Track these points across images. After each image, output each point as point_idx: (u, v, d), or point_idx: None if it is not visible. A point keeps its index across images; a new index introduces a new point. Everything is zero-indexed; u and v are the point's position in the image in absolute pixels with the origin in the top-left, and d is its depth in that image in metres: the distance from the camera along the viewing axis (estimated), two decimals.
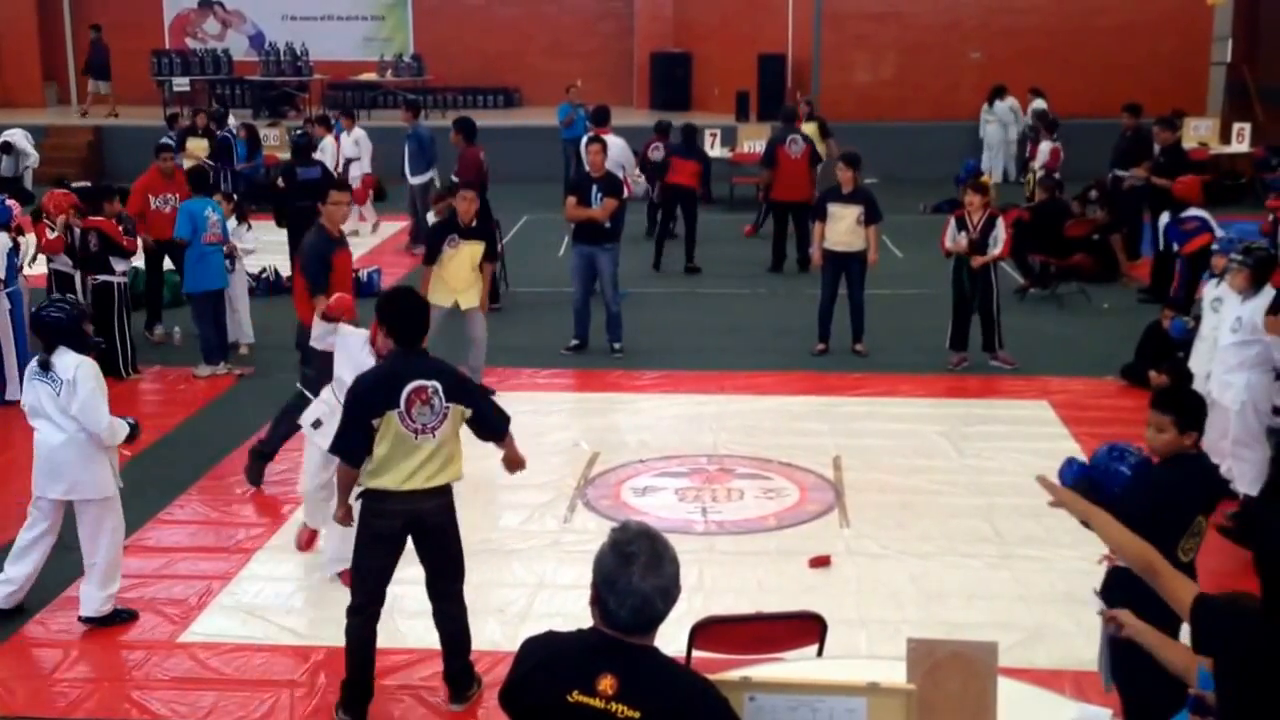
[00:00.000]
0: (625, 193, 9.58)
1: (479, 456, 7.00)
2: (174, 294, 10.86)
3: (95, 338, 5.31)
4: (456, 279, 7.78)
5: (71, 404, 4.89)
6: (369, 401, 4.24)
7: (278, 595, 5.39)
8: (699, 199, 12.33)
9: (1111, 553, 3.85)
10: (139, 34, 21.26)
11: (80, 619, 5.09)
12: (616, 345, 9.06)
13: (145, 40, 21.02)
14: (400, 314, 4.33)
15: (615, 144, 11.16)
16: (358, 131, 14.22)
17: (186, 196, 9.11)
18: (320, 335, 5.56)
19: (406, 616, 5.16)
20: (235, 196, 9.78)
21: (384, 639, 4.55)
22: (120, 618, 5.14)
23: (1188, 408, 3.79)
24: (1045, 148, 13.40)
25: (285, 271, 11.31)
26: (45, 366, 4.95)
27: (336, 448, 4.40)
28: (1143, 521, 3.74)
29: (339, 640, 4.88)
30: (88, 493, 5.02)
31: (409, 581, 5.46)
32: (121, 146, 17.72)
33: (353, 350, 5.18)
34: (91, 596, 5.11)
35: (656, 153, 12.81)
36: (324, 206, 6.64)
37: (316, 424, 5.33)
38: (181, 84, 19.65)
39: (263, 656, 4.91)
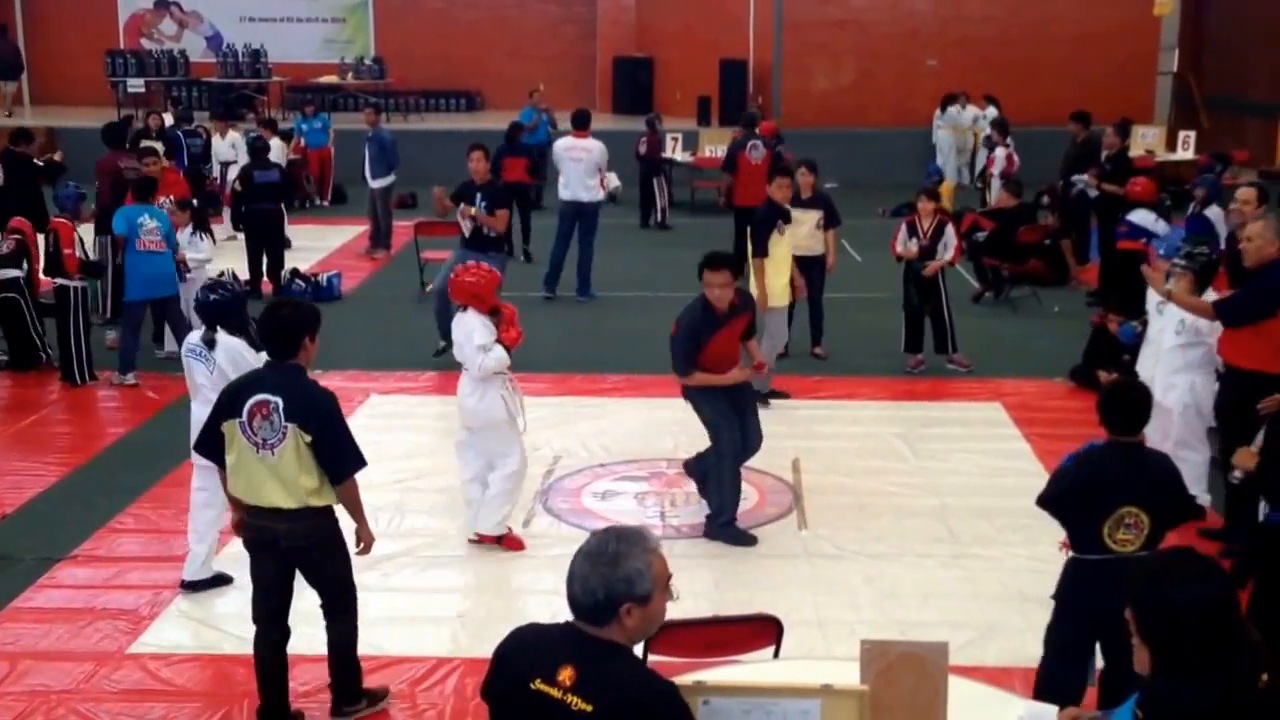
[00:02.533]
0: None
1: (441, 470, 7.02)
2: None
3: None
4: (788, 264, 7.79)
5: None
6: (222, 406, 4.22)
7: (231, 604, 5.33)
8: (529, 191, 13.21)
9: (1067, 541, 3.96)
10: (92, 34, 20.99)
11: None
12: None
13: (99, 41, 20.74)
14: (268, 327, 4.22)
15: (594, 146, 11.26)
16: (233, 135, 14.28)
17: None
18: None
19: (365, 624, 5.14)
20: (196, 202, 9.63)
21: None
22: (219, 581, 5.45)
23: (1115, 411, 3.86)
24: (1000, 154, 13.60)
25: (244, 275, 11.25)
26: (210, 345, 5.26)
27: (196, 442, 4.45)
28: (1062, 494, 3.87)
29: (293, 648, 4.85)
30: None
31: (364, 588, 5.45)
32: (76, 147, 17.45)
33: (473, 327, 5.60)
34: (189, 556, 5.45)
35: (641, 147, 14.47)
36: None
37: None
38: (136, 85, 19.41)
39: (215, 667, 4.86)
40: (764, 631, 3.95)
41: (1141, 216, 9.25)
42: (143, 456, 7.13)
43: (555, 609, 5.06)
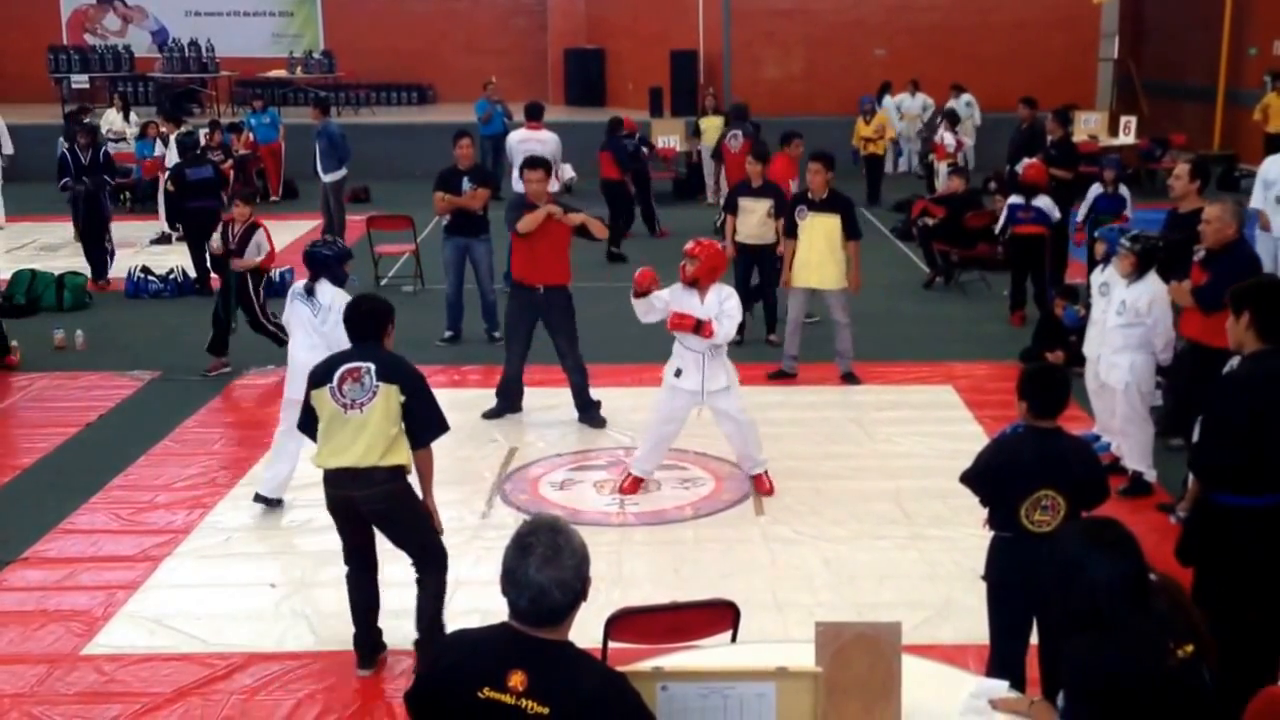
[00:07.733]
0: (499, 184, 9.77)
1: None
2: (76, 298, 10.57)
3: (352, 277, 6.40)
4: (810, 253, 7.87)
5: (324, 325, 5.88)
6: (311, 379, 4.56)
7: (186, 603, 5.28)
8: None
9: (988, 520, 4.05)
10: (35, 30, 20.59)
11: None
12: (496, 334, 9.12)
13: (41, 36, 20.35)
14: (352, 316, 4.64)
15: (549, 138, 11.23)
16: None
17: None
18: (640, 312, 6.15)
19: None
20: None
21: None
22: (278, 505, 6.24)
23: (1032, 393, 3.93)
24: (950, 139, 13.78)
25: (193, 272, 11.12)
26: (310, 292, 6.04)
27: (299, 422, 4.73)
28: (980, 475, 3.96)
29: (250, 646, 4.85)
30: None
31: (320, 585, 5.44)
32: (18, 145, 17.13)
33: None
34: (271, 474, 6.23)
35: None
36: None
37: (678, 373, 6.20)
38: (80, 81, 19.08)
39: (171, 667, 4.80)
40: (721, 616, 3.98)
41: (1045, 203, 9.44)
42: (94, 455, 7.04)
43: None
